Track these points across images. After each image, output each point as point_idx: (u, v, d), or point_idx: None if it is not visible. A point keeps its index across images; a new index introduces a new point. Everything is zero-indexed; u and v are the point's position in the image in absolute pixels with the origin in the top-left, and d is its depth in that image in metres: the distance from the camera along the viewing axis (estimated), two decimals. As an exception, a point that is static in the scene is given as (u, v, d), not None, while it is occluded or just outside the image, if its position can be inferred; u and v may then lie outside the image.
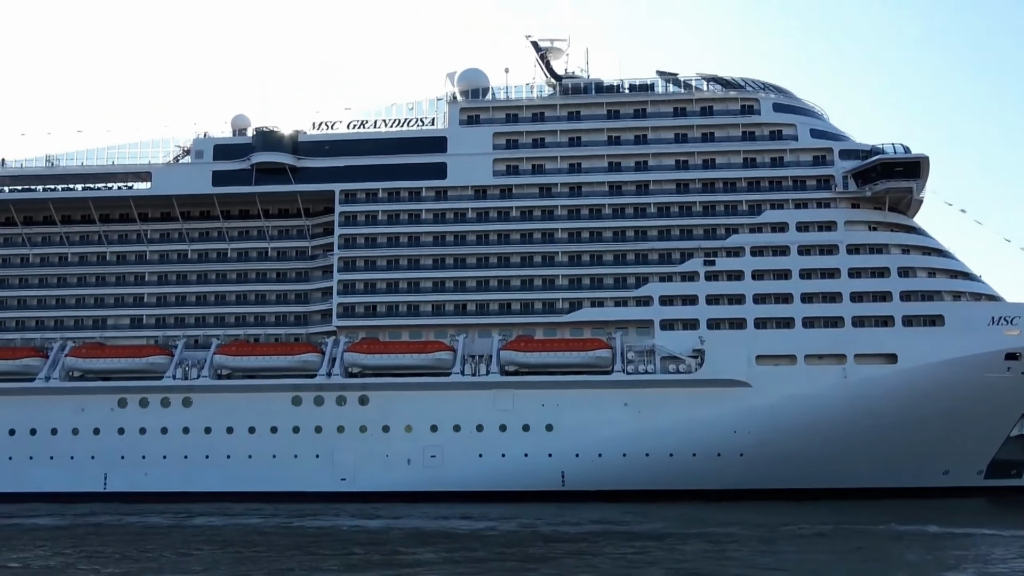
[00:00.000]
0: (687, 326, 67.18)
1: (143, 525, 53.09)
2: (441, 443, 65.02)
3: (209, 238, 75.84)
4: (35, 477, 66.95)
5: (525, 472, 63.48)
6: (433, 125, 73.64)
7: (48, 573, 37.06)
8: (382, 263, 71.82)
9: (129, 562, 40.00)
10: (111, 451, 67.20)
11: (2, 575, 36.59)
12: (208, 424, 67.05)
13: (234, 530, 50.39)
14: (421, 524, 51.54)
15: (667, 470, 62.44)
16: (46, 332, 74.26)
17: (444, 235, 71.74)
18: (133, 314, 74.99)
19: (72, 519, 55.87)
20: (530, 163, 72.18)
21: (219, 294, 74.70)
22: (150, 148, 76.61)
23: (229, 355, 68.73)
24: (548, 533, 47.65)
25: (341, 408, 66.34)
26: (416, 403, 65.79)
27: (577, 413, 64.22)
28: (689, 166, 71.17)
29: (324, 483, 64.77)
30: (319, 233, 74.87)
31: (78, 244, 76.70)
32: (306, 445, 65.97)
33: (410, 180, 72.15)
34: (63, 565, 39.05)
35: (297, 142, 73.95)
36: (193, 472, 66.00)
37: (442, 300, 70.73)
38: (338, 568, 37.47)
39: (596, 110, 72.48)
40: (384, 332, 70.56)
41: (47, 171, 76.23)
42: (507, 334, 68.58)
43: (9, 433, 68.29)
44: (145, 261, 75.99)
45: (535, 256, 70.79)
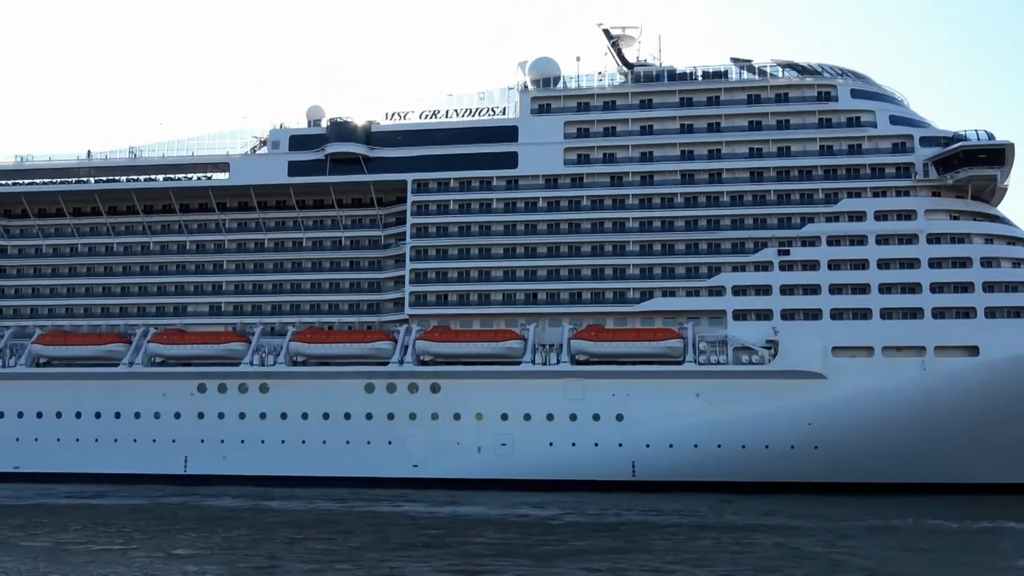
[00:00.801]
0: (760, 316, 66.30)
1: (219, 508, 54.58)
2: (511, 431, 65.36)
3: (285, 227, 77.31)
4: (120, 459, 69.22)
5: (595, 462, 63.46)
6: (504, 114, 73.78)
7: (128, 551, 38.36)
8: (453, 252, 72.33)
9: (203, 542, 41.14)
10: (191, 435, 69.10)
11: (88, 552, 38.02)
12: (284, 410, 68.47)
13: (306, 514, 51.49)
14: (490, 511, 51.96)
15: (739, 462, 61.80)
16: (129, 319, 76.65)
17: (515, 224, 71.91)
18: (212, 302, 76.92)
19: (153, 500, 57.70)
20: (601, 152, 71.86)
21: (294, 282, 76.12)
22: (228, 139, 78.28)
23: (304, 342, 70.02)
24: (617, 523, 47.65)
25: (413, 395, 67.15)
26: (487, 391, 66.20)
27: (648, 403, 63.92)
28: (764, 154, 70.08)
29: (396, 469, 65.67)
30: (392, 222, 75.73)
31: (160, 233, 78.86)
32: (379, 431, 66.93)
33: (481, 169, 72.43)
34: (141, 543, 40.38)
35: (370, 132, 74.78)
36: (269, 457, 67.51)
37: (513, 289, 70.96)
38: (403, 553, 37.99)
39: (668, 98, 71.74)
40: (455, 321, 71.09)
41: (130, 162, 78.45)
42: (577, 323, 68.54)
43: (95, 416, 70.73)
44: (223, 250, 77.80)
45: (606, 245, 70.54)
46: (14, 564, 35.15)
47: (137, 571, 33.88)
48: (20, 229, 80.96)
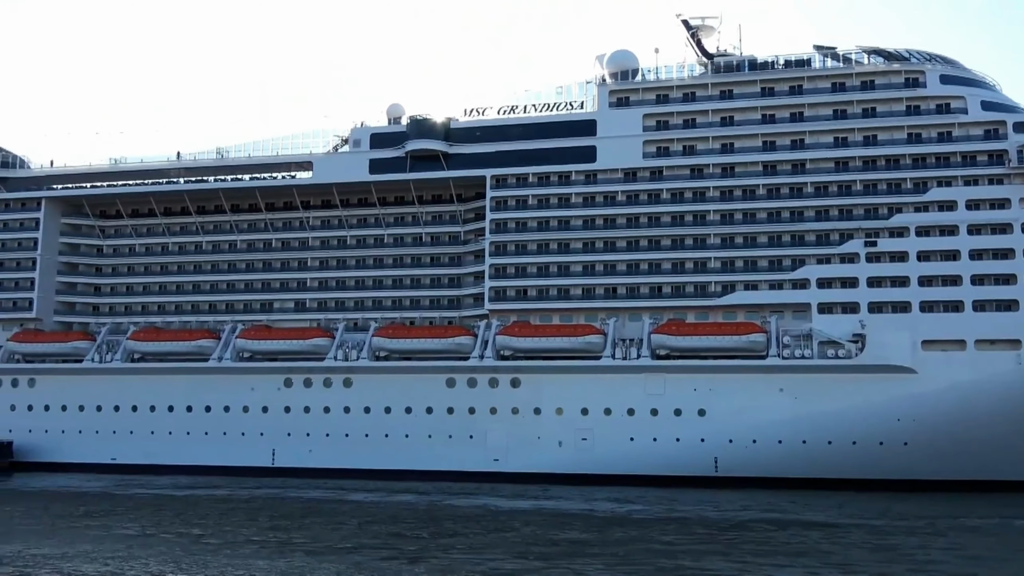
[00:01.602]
0: (847, 309, 64.88)
1: (305, 499, 55.76)
2: (592, 426, 65.27)
3: (367, 224, 78.48)
4: (210, 451, 71.27)
5: (677, 457, 62.97)
6: (582, 108, 73.52)
7: (215, 539, 39.47)
8: (532, 247, 72.44)
9: (287, 532, 42.07)
10: (278, 428, 70.73)
11: (182, 539, 39.25)
12: (367, 404, 69.56)
13: (388, 507, 52.24)
14: (571, 506, 51.99)
15: (825, 458, 60.60)
16: (218, 315, 78.81)
17: (594, 218, 71.64)
18: (297, 298, 78.59)
19: (241, 491, 59.22)
20: (681, 144, 71.10)
21: (376, 278, 77.28)
22: (311, 138, 79.79)
23: (386, 337, 71.00)
24: (698, 518, 47.20)
25: (493, 390, 67.55)
26: (567, 386, 66.23)
27: (730, 398, 63.17)
28: (849, 143, 68.47)
29: (477, 463, 66.15)
30: (471, 218, 76.23)
31: (246, 232, 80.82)
32: (460, 426, 67.52)
33: (560, 164, 72.32)
34: (231, 532, 41.51)
35: (449, 129, 75.33)
36: (354, 450, 68.69)
37: (592, 284, 70.76)
38: (477, 546, 38.26)
39: (749, 88, 70.58)
40: (535, 315, 71.24)
41: (218, 163, 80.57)
42: (658, 317, 68.04)
43: (187, 410, 72.93)
44: (307, 247, 79.40)
45: (686, 238, 69.87)
46: (110, 549, 36.51)
47: (225, 563, 34.86)
48: (115, 229, 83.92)
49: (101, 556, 35.36)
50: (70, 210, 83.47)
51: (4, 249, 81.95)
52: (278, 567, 33.43)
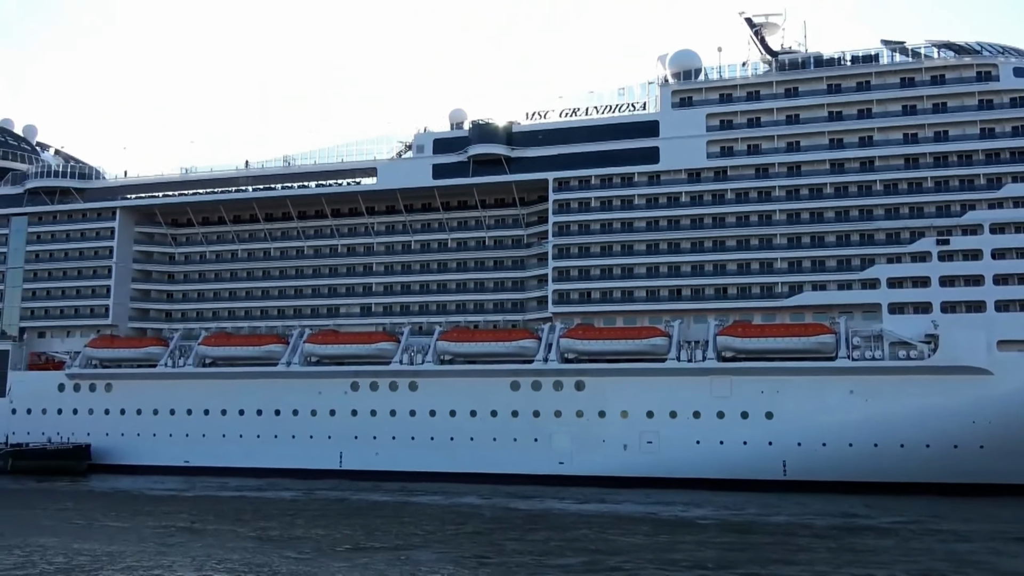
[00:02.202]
0: (918, 309, 63.44)
1: (371, 502, 56.33)
2: (657, 429, 64.82)
3: (430, 229, 79.14)
4: (279, 454, 72.48)
5: (744, 460, 62.18)
6: (644, 109, 73.12)
7: (283, 539, 40.09)
8: (596, 249, 72.25)
9: (355, 533, 42.55)
10: (345, 431, 71.62)
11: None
12: (433, 407, 70.05)
13: (453, 509, 52.48)
14: (635, 509, 51.67)
15: (897, 461, 59.29)
16: (286, 320, 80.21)
17: (657, 220, 71.17)
18: (363, 302, 79.59)
19: (310, 493, 60.07)
20: (745, 143, 70.25)
21: (440, 282, 77.87)
22: (375, 145, 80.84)
23: (451, 341, 71.45)
24: (768, 523, 46.55)
25: (558, 393, 67.49)
26: (632, 389, 65.88)
27: (799, 400, 62.18)
28: (919, 139, 66.94)
29: (542, 466, 66.16)
30: (534, 221, 76.34)
31: (313, 238, 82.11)
32: (525, 429, 67.59)
33: (622, 166, 71.99)
34: (301, 533, 42.11)
35: (511, 133, 75.52)
36: (419, 453, 69.21)
37: (656, 286, 70.31)
38: (542, 550, 38.22)
39: (815, 85, 69.44)
40: (599, 318, 71.03)
41: (284, 170, 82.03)
42: (723, 319, 67.32)
43: (256, 413, 74.27)
44: (372, 252, 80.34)
45: (752, 239, 69.02)
46: (184, 550, 37.36)
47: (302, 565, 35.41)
48: (186, 237, 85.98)
49: (173, 556, 36.19)
50: (143, 219, 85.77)
51: (81, 258, 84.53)
52: (343, 568, 33.83)
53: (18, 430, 79.51)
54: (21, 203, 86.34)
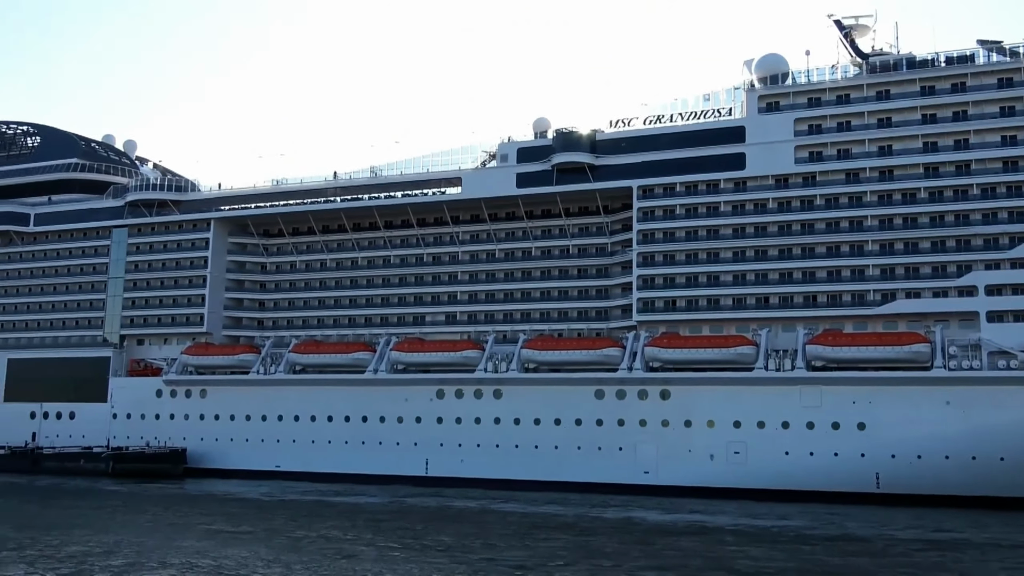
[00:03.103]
0: (1019, 318, 61.10)
1: (455, 508, 56.76)
2: (745, 439, 63.80)
3: (514, 238, 79.48)
4: (366, 460, 73.52)
5: (835, 472, 60.70)
6: (730, 115, 72.20)
7: (370, 543, 40.69)
8: (681, 257, 71.59)
9: (439, 538, 42.96)
10: (431, 438, 72.30)
11: (346, 546, 40.70)
12: (517, 415, 70.23)
13: (535, 517, 52.49)
14: (728, 520, 50.92)
15: (997, 475, 57.13)
16: (374, 328, 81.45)
17: (744, 227, 70.20)
18: (448, 311, 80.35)
19: (396, 499, 60.83)
20: (835, 148, 68.78)
21: (525, 291, 78.12)
22: (459, 155, 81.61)
23: (535, 349, 71.55)
24: (856, 537, 45.39)
25: (643, 402, 66.98)
26: (718, 398, 65.00)
27: (893, 411, 60.47)
28: (1018, 141, 64.56)
29: (627, 475, 65.72)
30: (618, 229, 76.03)
31: (399, 247, 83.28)
32: (609, 438, 67.25)
33: (708, 172, 71.20)
34: (385, 537, 42.72)
35: (595, 141, 75.31)
36: (504, 461, 69.43)
37: (743, 293, 69.26)
38: (621, 560, 37.95)
39: (908, 87, 67.58)
40: (684, 326, 70.31)
41: (371, 181, 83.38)
42: (813, 328, 65.97)
43: (345, 419, 75.54)
44: (457, 261, 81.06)
45: (842, 245, 67.49)
46: (272, 553, 38.22)
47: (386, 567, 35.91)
48: (277, 247, 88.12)
49: (266, 559, 37.06)
50: (236, 229, 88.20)
51: (178, 268, 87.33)
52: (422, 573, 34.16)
53: (119, 434, 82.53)
54: (122, 215, 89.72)
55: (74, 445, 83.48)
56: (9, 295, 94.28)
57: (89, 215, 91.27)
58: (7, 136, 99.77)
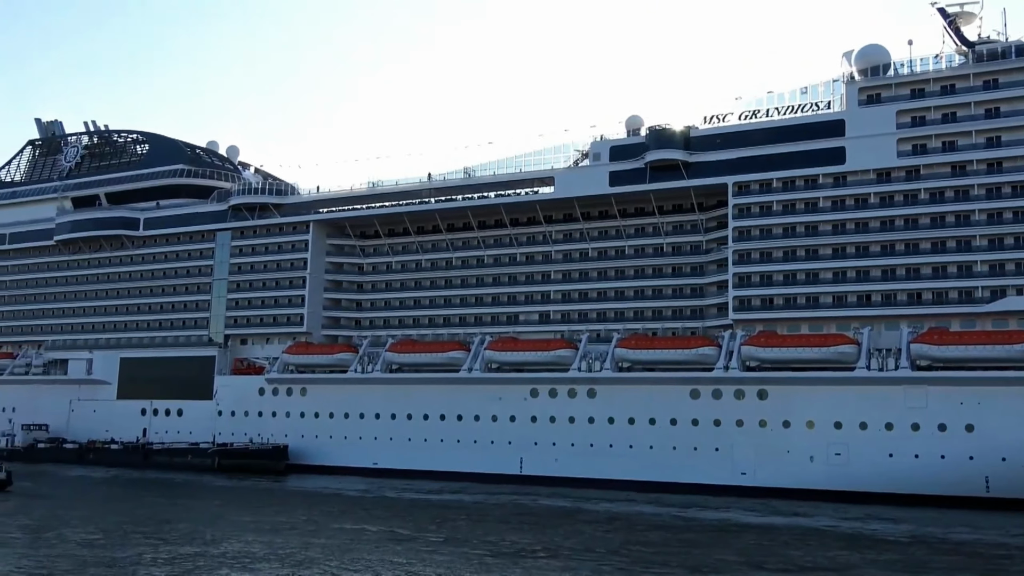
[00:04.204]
0: None
1: (548, 507, 56.81)
2: (846, 441, 62.17)
3: (607, 236, 79.13)
4: (461, 458, 74.21)
5: (941, 475, 58.65)
6: (828, 108, 70.43)
7: (463, 541, 41.08)
8: (778, 255, 70.20)
9: (525, 535, 43.11)
10: (525, 437, 72.52)
11: (434, 541, 41.24)
12: (611, 415, 69.89)
13: (627, 517, 52.21)
14: (830, 524, 49.78)
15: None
16: (468, 328, 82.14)
17: (844, 223, 68.41)
18: (541, 310, 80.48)
19: (491, 497, 61.23)
20: (940, 140, 66.46)
21: (618, 290, 77.69)
22: (552, 154, 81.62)
23: (629, 348, 71.08)
24: (962, 542, 43.81)
25: (739, 402, 65.92)
26: (818, 399, 63.50)
27: (1004, 413, 58.13)
28: None
29: (723, 476, 64.78)
30: (713, 227, 74.98)
31: (492, 247, 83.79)
32: (705, 438, 66.37)
33: (806, 168, 69.59)
34: (480, 534, 43.08)
35: (689, 137, 74.35)
36: (598, 460, 69.18)
37: (844, 291, 67.51)
38: (724, 561, 37.43)
39: (1017, 76, 64.74)
40: (782, 325, 68.93)
41: (465, 181, 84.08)
42: (918, 326, 63.92)
43: (440, 418, 76.40)
44: (551, 260, 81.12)
45: (948, 241, 65.21)
46: (379, 552, 38.93)
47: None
48: (373, 248, 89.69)
49: (366, 558, 37.78)
50: (334, 231, 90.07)
51: (279, 269, 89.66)
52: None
53: (223, 430, 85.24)
54: (225, 219, 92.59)
55: (182, 441, 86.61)
56: (121, 296, 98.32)
57: (194, 219, 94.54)
58: (118, 144, 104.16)
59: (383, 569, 34.71)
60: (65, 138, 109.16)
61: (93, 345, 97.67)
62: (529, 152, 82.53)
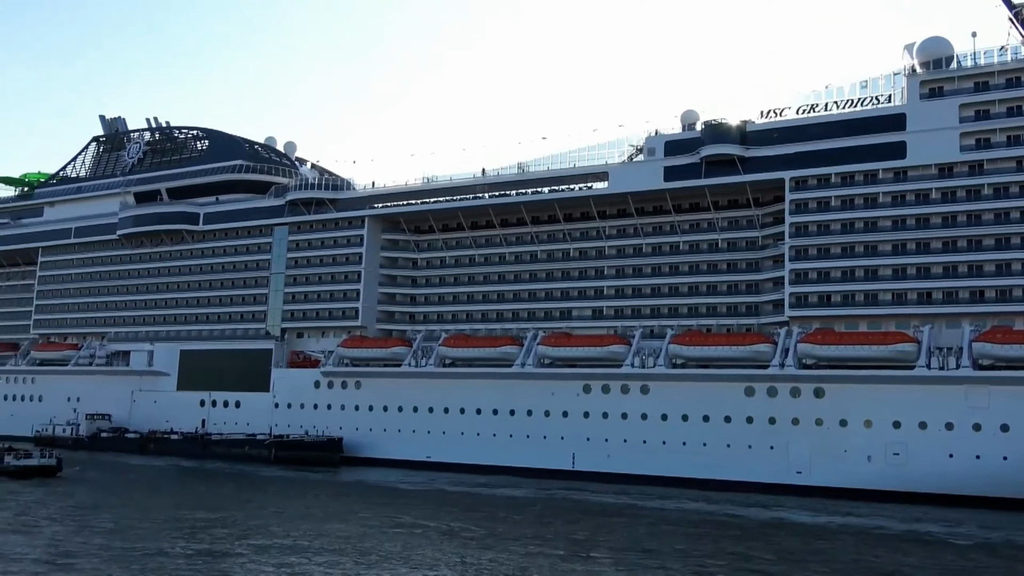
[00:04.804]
0: None
1: (599, 503, 56.69)
2: (905, 440, 61.06)
3: (662, 232, 78.61)
4: (514, 453, 74.38)
5: (1004, 477, 57.33)
6: (889, 102, 69.09)
7: (513, 533, 41.19)
8: (836, 251, 69.11)
9: (572, 530, 43.08)
10: (578, 433, 72.41)
11: (477, 533, 41.41)
12: (664, 411, 69.49)
13: (677, 514, 51.92)
14: (886, 525, 48.97)
15: None
16: (521, 323, 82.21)
17: (904, 219, 67.09)
18: (594, 306, 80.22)
19: (541, 492, 61.29)
20: (1005, 134, 64.81)
21: (672, 286, 77.12)
22: (606, 149, 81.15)
23: (683, 345, 70.58)
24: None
25: (795, 400, 65.08)
26: (876, 397, 62.44)
27: (1071, 414, 56.52)
28: None
29: (778, 475, 64.03)
30: (769, 222, 74.07)
31: (546, 242, 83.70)
32: (760, 436, 65.67)
33: (865, 162, 68.37)
34: (531, 528, 43.17)
35: (745, 132, 73.47)
36: (651, 457, 68.84)
37: (903, 288, 66.26)
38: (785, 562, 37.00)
39: (1087, 68, 62.96)
40: (840, 322, 67.89)
41: (518, 177, 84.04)
42: (980, 324, 62.51)
43: (493, 412, 76.62)
44: (604, 256, 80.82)
45: (1013, 237, 63.60)
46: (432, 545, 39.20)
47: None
48: (427, 243, 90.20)
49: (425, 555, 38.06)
50: (389, 226, 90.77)
51: (334, 264, 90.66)
52: (576, 570, 34.32)
53: (280, 422, 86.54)
54: (283, 214, 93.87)
55: (239, 432, 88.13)
56: (181, 290, 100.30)
57: (252, 214, 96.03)
58: (179, 140, 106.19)
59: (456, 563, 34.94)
60: (128, 134, 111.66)
61: (154, 337, 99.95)
62: (583, 147, 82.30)
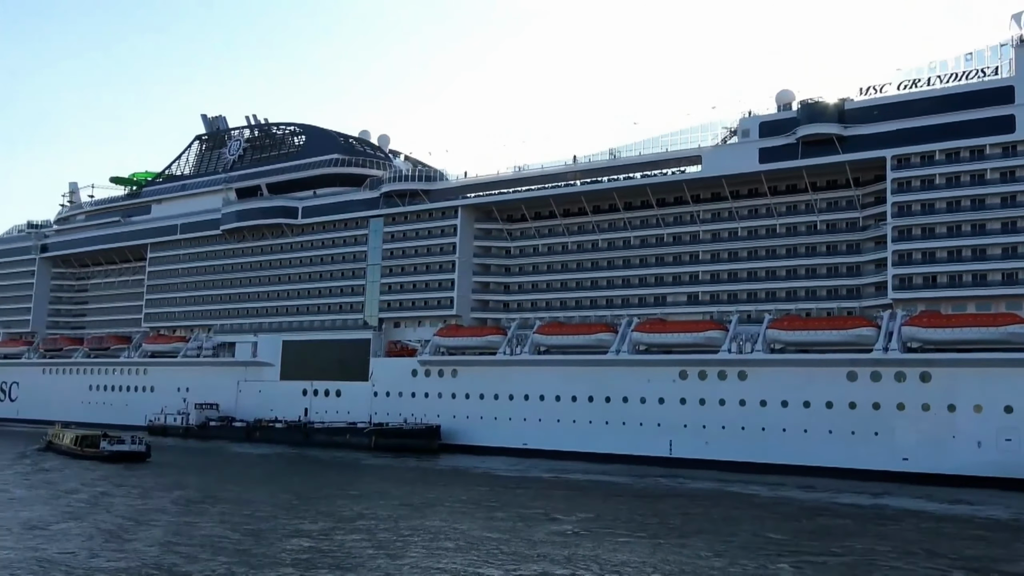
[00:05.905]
0: None
1: (696, 490, 56.18)
2: (1017, 425, 58.79)
3: (757, 215, 77.18)
4: (610, 440, 74.27)
5: None
6: (996, 75, 66.22)
7: (610, 522, 41.16)
8: (942, 230, 66.80)
9: (668, 519, 42.80)
10: (674, 419, 71.82)
11: (580, 520, 41.54)
12: (763, 397, 68.36)
13: (772, 501, 51.10)
14: (999, 513, 47.29)
15: None
16: (615, 309, 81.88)
17: (1015, 195, 64.36)
18: (689, 291, 79.34)
19: (639, 480, 61.07)
20: (1124, 104, 61.55)
21: (769, 269, 75.71)
22: (699, 132, 79.93)
23: (781, 329, 69.29)
24: None
25: (900, 385, 63.23)
26: (987, 381, 60.21)
27: None
28: None
29: (882, 462, 62.37)
30: (870, 203, 71.99)
31: (639, 228, 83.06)
32: (863, 422, 64.03)
33: (971, 138, 65.78)
34: (626, 519, 43.09)
35: (843, 110, 71.44)
36: (750, 443, 67.83)
37: (1015, 268, 63.62)
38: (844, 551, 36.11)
39: None
40: (946, 304, 65.65)
41: (610, 163, 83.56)
42: (1099, 304, 59.57)
43: (588, 400, 76.58)
44: (698, 240, 79.79)
45: None
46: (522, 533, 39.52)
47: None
48: (520, 231, 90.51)
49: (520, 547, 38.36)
50: (482, 216, 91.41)
51: (429, 254, 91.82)
52: (669, 560, 34.17)
53: (379, 410, 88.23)
54: (378, 206, 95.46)
55: (340, 420, 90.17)
56: (282, 282, 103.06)
57: (348, 207, 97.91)
58: (277, 137, 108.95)
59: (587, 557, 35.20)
60: (228, 132, 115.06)
61: (258, 329, 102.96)
62: (675, 131, 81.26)
